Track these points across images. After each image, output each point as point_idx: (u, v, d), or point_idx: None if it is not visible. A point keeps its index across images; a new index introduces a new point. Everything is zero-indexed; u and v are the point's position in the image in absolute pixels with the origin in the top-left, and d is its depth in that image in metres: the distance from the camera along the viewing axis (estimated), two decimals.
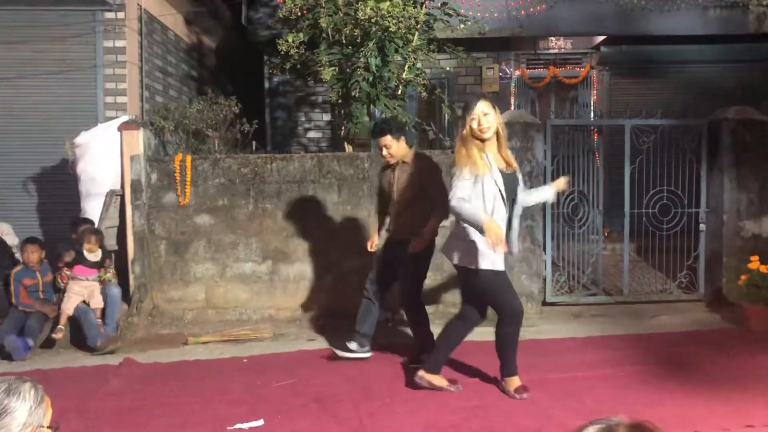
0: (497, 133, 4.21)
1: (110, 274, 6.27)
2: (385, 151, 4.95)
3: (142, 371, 5.21)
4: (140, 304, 6.57)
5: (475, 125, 4.14)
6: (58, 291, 6.18)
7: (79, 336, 5.97)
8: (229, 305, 6.74)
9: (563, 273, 6.90)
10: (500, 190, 4.11)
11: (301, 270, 6.74)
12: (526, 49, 10.56)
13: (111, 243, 6.78)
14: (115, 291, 6.18)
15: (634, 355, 5.16)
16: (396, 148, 4.92)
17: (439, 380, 4.47)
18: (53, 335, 5.92)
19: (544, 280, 6.74)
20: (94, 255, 6.15)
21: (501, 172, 4.16)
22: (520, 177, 4.35)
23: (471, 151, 4.10)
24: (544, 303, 6.69)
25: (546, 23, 9.82)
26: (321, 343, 5.84)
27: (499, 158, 4.23)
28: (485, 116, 4.13)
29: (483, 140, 4.16)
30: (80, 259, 6.09)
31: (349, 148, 7.41)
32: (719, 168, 6.71)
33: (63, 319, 5.96)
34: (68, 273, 6.09)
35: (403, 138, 4.97)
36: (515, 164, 4.34)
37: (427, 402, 4.32)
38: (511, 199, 4.21)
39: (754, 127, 6.70)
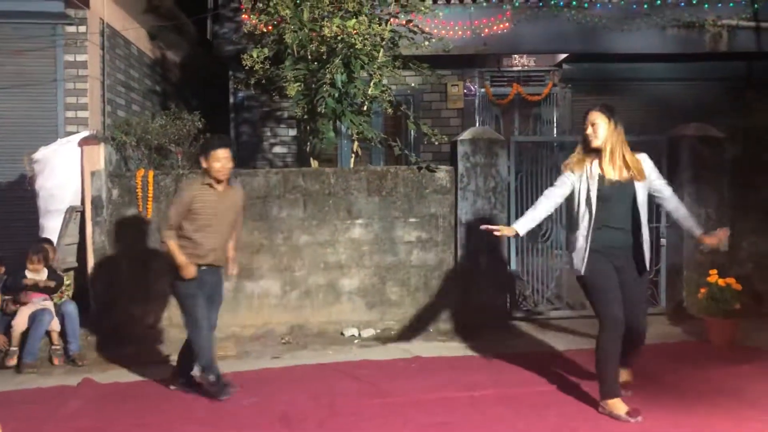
0: (611, 143, 4.21)
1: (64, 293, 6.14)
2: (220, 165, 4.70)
3: (102, 392, 5.08)
4: (100, 323, 6.43)
5: (589, 131, 4.26)
6: (7, 315, 5.96)
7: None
8: None
9: (527, 287, 6.94)
10: (590, 197, 4.18)
11: (265, 287, 6.67)
12: (490, 66, 10.69)
13: (71, 260, 6.63)
14: (71, 308, 6.03)
15: None
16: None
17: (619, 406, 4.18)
18: (7, 363, 5.75)
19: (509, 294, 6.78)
20: (38, 274, 5.98)
21: (609, 180, 4.19)
22: (640, 185, 4.24)
23: (578, 155, 4.33)
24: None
25: (510, 41, 9.97)
26: (286, 361, 5.78)
27: (609, 168, 4.22)
28: (592, 126, 4.23)
29: (592, 147, 4.24)
30: (31, 288, 5.96)
31: (314, 164, 7.39)
32: (679, 183, 6.82)
33: (15, 340, 5.79)
34: (14, 308, 5.93)
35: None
36: (641, 172, 4.25)
37: (392, 419, 4.29)
38: (626, 207, 4.24)
39: (712, 143, 6.86)
